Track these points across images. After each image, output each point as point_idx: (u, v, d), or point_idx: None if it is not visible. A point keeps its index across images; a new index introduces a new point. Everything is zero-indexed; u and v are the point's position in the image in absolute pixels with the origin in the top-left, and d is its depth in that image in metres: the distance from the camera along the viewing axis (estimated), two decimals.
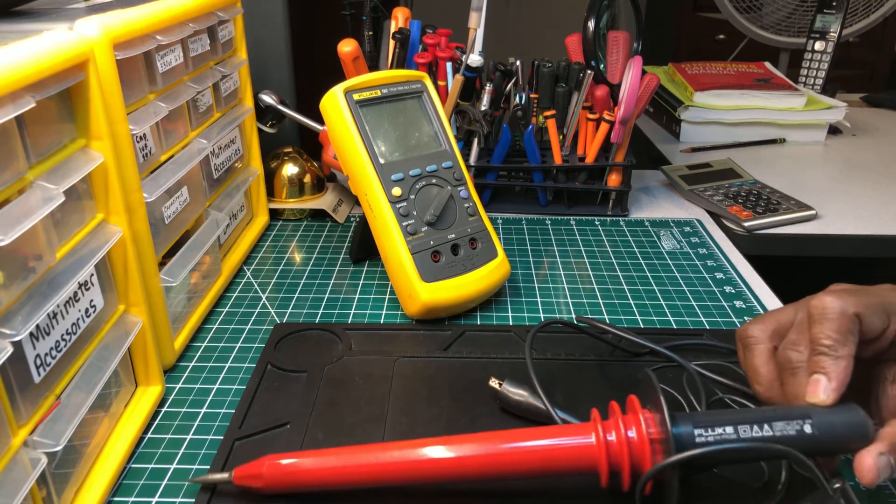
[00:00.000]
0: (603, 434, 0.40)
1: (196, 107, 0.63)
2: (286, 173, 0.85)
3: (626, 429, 0.40)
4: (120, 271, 0.48)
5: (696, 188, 0.92)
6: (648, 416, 0.40)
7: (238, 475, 0.42)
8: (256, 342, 0.60)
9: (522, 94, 0.86)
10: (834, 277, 0.46)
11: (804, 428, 0.37)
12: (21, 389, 0.37)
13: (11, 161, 0.36)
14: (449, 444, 0.41)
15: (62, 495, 0.40)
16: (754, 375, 0.43)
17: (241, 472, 0.42)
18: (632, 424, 0.40)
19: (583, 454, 0.40)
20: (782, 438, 0.37)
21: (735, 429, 0.38)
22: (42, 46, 0.38)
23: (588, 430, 0.40)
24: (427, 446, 0.41)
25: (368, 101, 0.63)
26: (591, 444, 0.40)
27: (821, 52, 1.27)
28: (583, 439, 0.40)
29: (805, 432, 0.37)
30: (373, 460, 0.41)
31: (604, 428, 0.40)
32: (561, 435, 0.41)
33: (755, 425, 0.38)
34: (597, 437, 0.40)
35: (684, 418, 0.39)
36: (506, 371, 0.54)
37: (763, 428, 0.38)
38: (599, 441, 0.39)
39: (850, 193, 0.95)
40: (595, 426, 0.40)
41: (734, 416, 0.39)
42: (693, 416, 0.39)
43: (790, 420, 0.38)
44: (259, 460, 0.42)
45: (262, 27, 0.89)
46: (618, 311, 0.65)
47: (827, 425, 0.37)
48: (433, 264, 0.61)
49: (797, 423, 0.38)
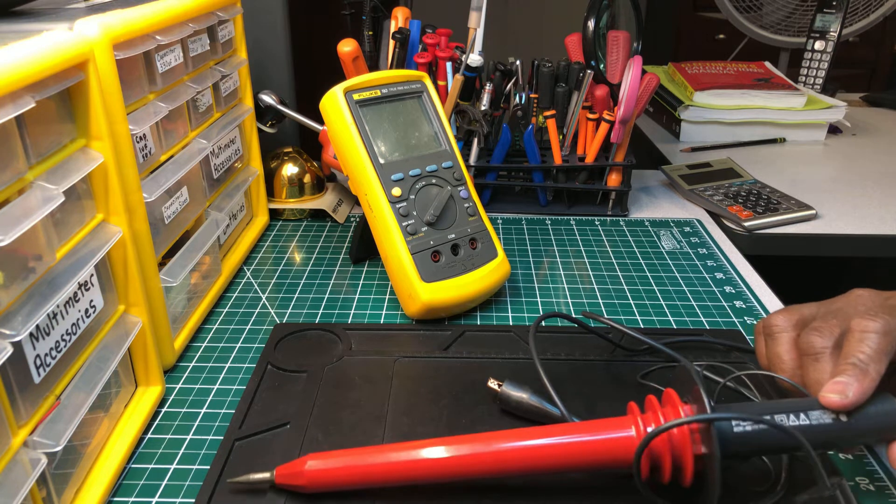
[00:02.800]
0: (643, 426, 0.40)
1: (196, 107, 0.63)
2: (286, 173, 0.85)
3: (665, 420, 0.40)
4: (120, 271, 0.48)
5: (696, 188, 0.92)
6: (688, 409, 0.40)
7: (280, 474, 0.43)
8: (256, 342, 0.60)
9: (522, 94, 0.86)
10: (834, 277, 0.46)
11: (840, 416, 0.38)
12: (21, 389, 0.37)
13: (11, 161, 0.36)
14: (487, 441, 0.41)
15: (62, 495, 0.40)
16: (778, 363, 0.43)
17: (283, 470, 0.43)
18: (671, 417, 0.40)
19: (622, 447, 0.40)
20: (819, 427, 0.38)
21: (772, 418, 0.38)
22: (42, 46, 0.38)
23: (627, 424, 0.40)
24: (468, 443, 0.42)
25: (368, 101, 0.63)
26: (632, 437, 0.40)
27: (821, 52, 1.27)
28: (623, 432, 0.40)
29: (841, 420, 0.38)
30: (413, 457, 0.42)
31: (643, 421, 0.40)
32: (599, 430, 0.41)
33: (791, 414, 0.38)
34: (637, 429, 0.40)
35: (721, 409, 0.39)
36: (506, 371, 0.54)
37: (800, 417, 0.38)
38: (640, 433, 0.40)
39: (850, 193, 0.95)
40: (634, 419, 0.40)
41: (770, 406, 0.39)
42: (730, 408, 0.39)
43: (825, 410, 0.38)
44: (301, 458, 0.43)
45: (262, 27, 0.89)
46: (618, 311, 0.65)
47: (861, 414, 0.38)
48: (433, 264, 0.61)
49: (832, 412, 0.38)
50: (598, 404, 0.51)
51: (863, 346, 0.39)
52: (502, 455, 0.41)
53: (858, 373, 0.38)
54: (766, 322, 0.45)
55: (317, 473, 0.42)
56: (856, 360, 0.38)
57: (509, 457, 0.41)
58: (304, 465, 0.42)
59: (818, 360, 0.41)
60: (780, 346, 0.43)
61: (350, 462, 0.42)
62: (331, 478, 0.42)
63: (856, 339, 0.39)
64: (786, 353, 0.43)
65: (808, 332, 0.42)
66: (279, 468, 0.43)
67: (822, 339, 0.41)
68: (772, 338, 0.44)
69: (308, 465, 0.42)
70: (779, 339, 0.44)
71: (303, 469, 0.42)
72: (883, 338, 0.39)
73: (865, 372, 0.38)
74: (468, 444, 0.42)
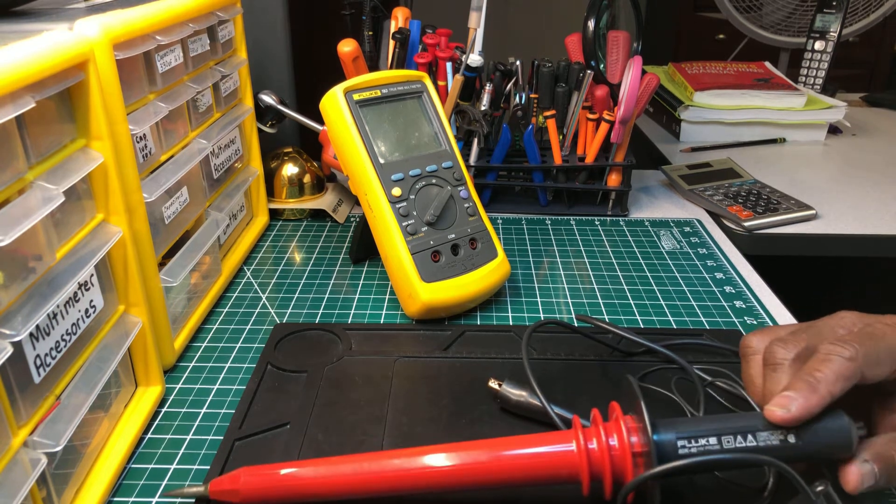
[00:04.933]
0: (584, 442, 0.39)
1: (196, 107, 0.63)
2: (286, 173, 0.85)
3: (607, 437, 0.39)
4: (120, 271, 0.48)
5: (696, 188, 0.92)
6: (630, 424, 0.39)
7: (213, 489, 0.42)
8: (256, 342, 0.60)
9: (522, 94, 0.86)
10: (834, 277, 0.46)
11: (787, 438, 0.37)
12: (21, 389, 0.37)
13: (11, 161, 0.36)
14: (428, 454, 0.40)
15: (62, 495, 0.40)
16: (749, 385, 0.43)
17: (217, 485, 0.42)
18: (613, 432, 0.39)
19: (564, 462, 0.39)
20: (765, 449, 0.37)
21: (718, 440, 0.37)
22: (42, 46, 0.38)
23: (569, 438, 0.40)
24: (407, 457, 0.41)
25: (368, 101, 0.63)
26: (573, 452, 0.39)
27: (821, 52, 1.27)
28: (563, 447, 0.39)
29: (788, 442, 0.37)
30: (348, 471, 0.41)
31: (585, 436, 0.39)
32: (541, 443, 0.40)
33: (738, 436, 0.38)
34: (577, 445, 0.39)
35: (667, 426, 0.38)
36: (506, 371, 0.54)
37: (747, 438, 0.37)
38: (580, 449, 0.39)
39: (850, 193, 0.95)
40: (576, 433, 0.40)
41: (718, 425, 0.38)
42: (675, 424, 0.38)
43: (774, 430, 0.38)
44: (234, 472, 0.42)
45: (262, 27, 0.89)
46: (618, 311, 0.65)
47: (811, 434, 0.37)
48: (433, 264, 0.61)
49: (781, 434, 0.37)
50: (598, 404, 0.50)
51: (822, 365, 0.38)
52: (441, 471, 0.40)
53: (807, 389, 0.37)
54: (742, 343, 0.45)
55: (251, 488, 0.41)
56: (809, 378, 0.38)
57: (447, 472, 0.40)
58: (239, 479, 0.41)
59: (776, 370, 0.40)
60: (752, 369, 0.43)
61: (285, 476, 0.41)
62: (265, 492, 0.41)
63: (818, 360, 0.38)
64: (757, 377, 0.43)
65: (772, 343, 0.41)
66: (213, 482, 0.42)
67: (785, 350, 0.40)
68: (745, 359, 0.44)
69: (242, 479, 0.41)
70: (751, 360, 0.43)
71: (237, 484, 0.41)
72: (846, 363, 0.38)
73: (815, 389, 0.37)
74: (407, 457, 0.40)
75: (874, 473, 0.37)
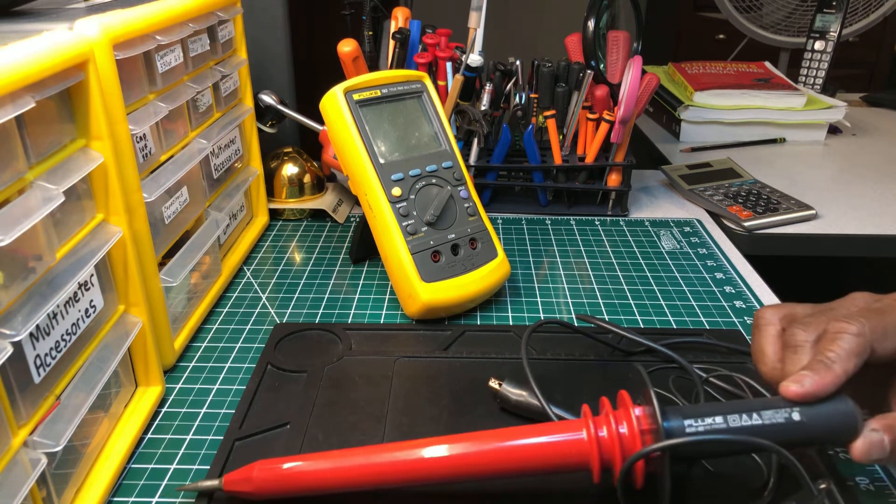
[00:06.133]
0: (594, 429, 0.39)
1: (196, 107, 0.63)
2: (286, 173, 0.85)
3: (616, 424, 0.39)
4: (120, 271, 0.48)
5: (696, 188, 0.92)
6: (639, 411, 0.40)
7: (228, 480, 0.42)
8: (256, 342, 0.60)
9: (522, 93, 0.86)
10: (834, 277, 0.46)
11: (792, 415, 0.38)
12: (21, 389, 0.37)
13: (11, 161, 0.36)
14: (439, 444, 0.41)
15: (62, 495, 0.40)
16: (760, 356, 0.43)
17: (231, 477, 0.42)
18: (622, 419, 0.40)
19: (574, 450, 0.40)
20: (771, 426, 0.38)
21: (725, 418, 0.38)
22: (42, 46, 0.38)
23: (579, 427, 0.40)
24: (418, 447, 0.41)
25: (368, 101, 0.63)
26: (583, 440, 0.39)
27: (821, 52, 1.27)
28: (574, 435, 0.40)
29: (793, 419, 0.38)
30: (361, 462, 0.41)
31: (595, 424, 0.40)
32: (551, 432, 0.40)
33: (744, 414, 0.38)
34: (587, 432, 0.39)
35: (674, 412, 0.39)
36: (506, 371, 0.54)
37: (752, 417, 0.38)
38: (590, 437, 0.39)
39: (850, 193, 0.95)
40: (586, 422, 0.40)
41: (723, 406, 0.39)
42: (683, 409, 0.39)
43: (778, 409, 0.38)
44: (249, 465, 0.42)
45: (262, 27, 0.89)
46: (618, 311, 0.65)
47: (815, 414, 0.38)
48: (433, 264, 0.61)
49: (785, 412, 0.38)
50: (596, 404, 0.50)
51: (833, 345, 0.39)
52: (452, 460, 0.40)
53: (822, 368, 0.38)
54: (756, 313, 0.46)
55: (265, 480, 0.41)
56: (823, 357, 0.39)
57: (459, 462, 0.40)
58: (253, 471, 0.41)
59: (797, 352, 0.41)
60: (763, 339, 0.44)
61: (298, 468, 0.41)
62: (279, 484, 0.41)
63: (828, 339, 0.40)
64: (768, 346, 0.43)
65: (793, 326, 0.43)
66: (227, 475, 0.42)
67: (806, 333, 0.41)
68: (758, 329, 0.45)
69: (256, 471, 0.41)
70: (764, 331, 0.44)
71: (251, 475, 0.41)
72: (855, 339, 0.39)
73: (829, 368, 0.38)
74: (417, 448, 0.41)
75: (884, 445, 0.37)
